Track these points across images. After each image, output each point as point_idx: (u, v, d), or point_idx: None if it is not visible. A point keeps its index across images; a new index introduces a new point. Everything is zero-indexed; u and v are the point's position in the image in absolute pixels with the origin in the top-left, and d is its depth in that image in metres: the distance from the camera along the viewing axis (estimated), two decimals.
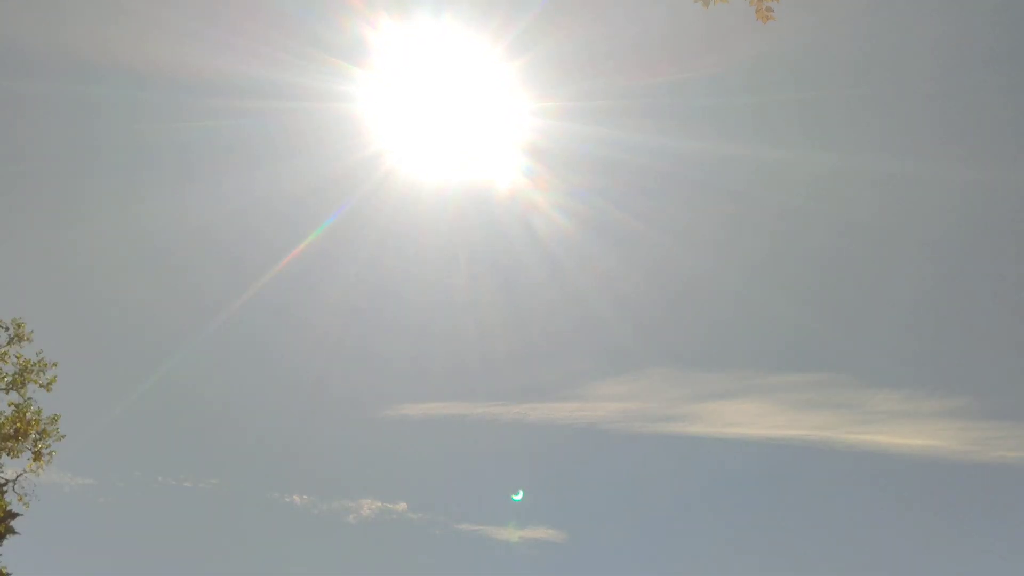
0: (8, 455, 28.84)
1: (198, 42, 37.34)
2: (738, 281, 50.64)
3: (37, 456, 29.16)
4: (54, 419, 29.57)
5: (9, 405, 29.05)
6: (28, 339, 29.65)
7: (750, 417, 50.76)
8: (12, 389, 29.24)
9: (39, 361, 29.61)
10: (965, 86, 42.81)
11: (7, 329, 29.29)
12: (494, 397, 51.35)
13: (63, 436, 29.86)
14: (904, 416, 49.30)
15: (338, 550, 48.86)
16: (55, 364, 30.00)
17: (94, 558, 43.76)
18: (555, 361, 52.87)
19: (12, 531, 28.18)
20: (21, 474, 28.90)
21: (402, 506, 49.11)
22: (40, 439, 29.26)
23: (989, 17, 40.14)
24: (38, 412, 29.32)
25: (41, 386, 29.66)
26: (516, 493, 49.40)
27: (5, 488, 28.51)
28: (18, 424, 28.87)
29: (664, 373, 51.60)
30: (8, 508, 28.24)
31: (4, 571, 27.77)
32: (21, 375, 29.37)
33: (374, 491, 49.42)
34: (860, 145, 44.56)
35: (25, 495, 28.79)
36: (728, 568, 49.08)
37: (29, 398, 29.37)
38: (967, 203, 47.39)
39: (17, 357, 29.38)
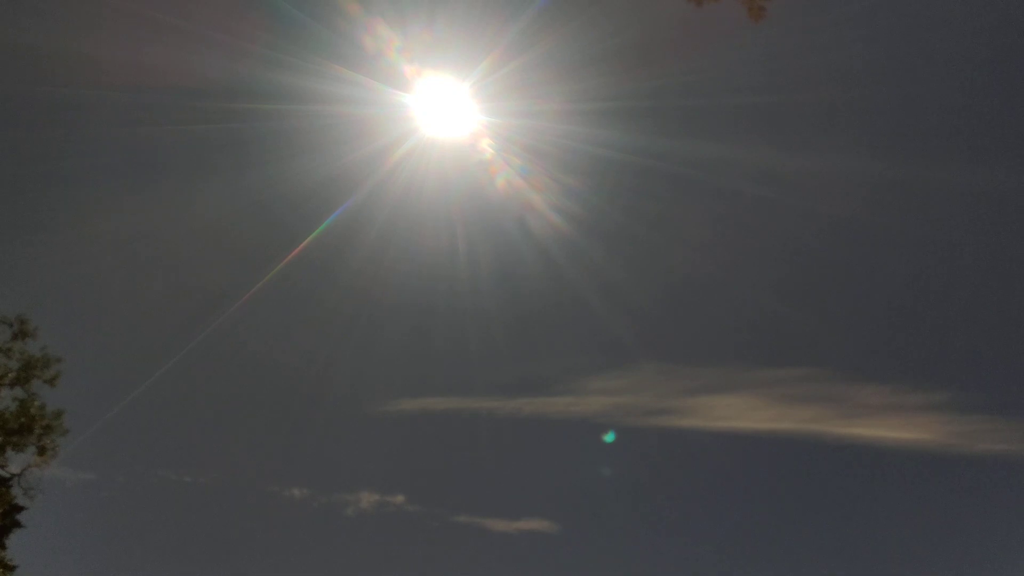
0: (13, 450, 29.19)
1: (197, 46, 37.52)
2: (728, 278, 51.17)
3: (41, 451, 29.46)
4: (58, 414, 29.87)
5: (14, 400, 29.40)
6: (32, 335, 29.88)
7: (739, 411, 51.40)
8: (17, 384, 29.48)
9: (43, 357, 29.87)
10: (957, 87, 43.43)
11: (11, 325, 29.53)
12: (490, 392, 51.81)
13: (67, 431, 30.18)
14: (890, 410, 49.92)
15: (337, 542, 49.42)
16: (59, 360, 30.28)
17: (96, 552, 44.05)
18: (550, 357, 53.33)
19: (18, 524, 28.64)
20: (26, 468, 29.23)
21: (400, 499, 49.62)
22: (44, 434, 29.56)
23: (983, 17, 40.76)
24: (42, 407, 29.61)
25: (45, 381, 29.89)
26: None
27: (10, 482, 28.91)
28: (23, 419, 29.15)
29: (656, 368, 52.15)
30: (13, 502, 28.68)
31: (10, 563, 28.27)
32: (25, 371, 29.58)
33: (372, 484, 49.85)
34: (850, 145, 45.04)
35: (30, 489, 29.19)
36: (717, 559, 49.75)
37: (33, 393, 29.65)
38: (954, 201, 48.01)
39: (21, 353, 29.62)
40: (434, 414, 51.64)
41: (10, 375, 29.25)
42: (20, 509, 28.64)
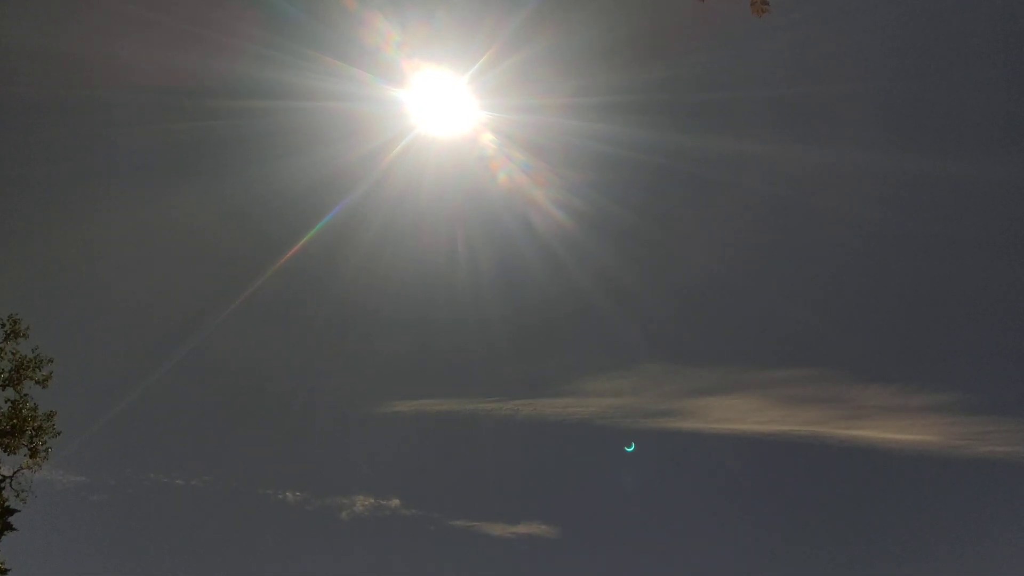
0: (5, 451, 28.70)
1: (194, 44, 37.24)
2: (731, 276, 51.03)
3: (33, 453, 28.98)
4: (50, 415, 29.40)
5: (6, 401, 28.91)
6: (24, 335, 29.42)
7: (741, 412, 51.14)
8: (8, 385, 29.01)
9: (35, 357, 29.40)
10: (960, 82, 43.32)
11: (3, 325, 29.05)
12: (486, 394, 51.44)
13: (59, 433, 29.73)
14: (894, 411, 49.75)
15: (331, 546, 48.89)
16: (51, 360, 29.83)
17: (86, 555, 43.58)
18: (548, 357, 53.07)
19: (10, 527, 28.07)
20: (18, 471, 28.74)
21: (395, 502, 49.08)
22: (36, 436, 29.09)
23: (983, 12, 40.67)
24: (34, 408, 29.15)
25: (37, 382, 29.42)
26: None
27: (3, 484, 28.38)
28: (14, 420, 28.69)
29: (656, 369, 51.92)
30: (5, 504, 28.13)
31: (1, 567, 27.70)
32: (17, 371, 29.12)
33: (367, 488, 49.35)
34: (855, 141, 44.95)
35: (22, 492, 28.66)
36: (719, 562, 49.44)
37: (25, 394, 29.18)
38: (959, 199, 47.95)
39: (13, 353, 29.15)
40: (430, 416, 51.31)
41: (2, 376, 28.78)
42: (11, 512, 28.06)
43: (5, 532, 27.49)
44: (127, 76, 38.63)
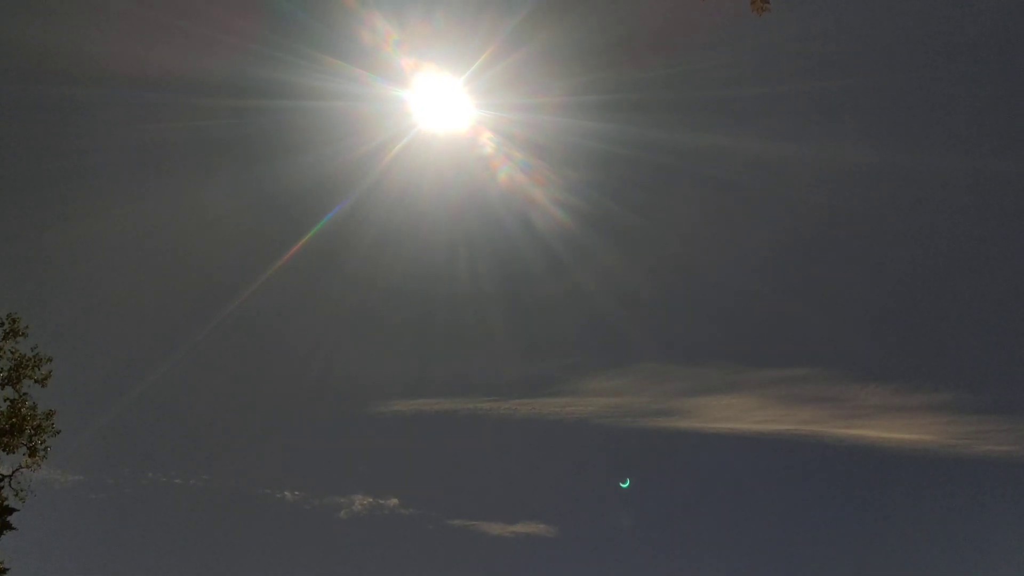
0: (4, 451, 28.66)
1: (194, 43, 37.22)
2: (728, 275, 51.06)
3: (32, 452, 28.94)
4: (49, 415, 29.35)
5: (5, 400, 28.86)
6: (23, 334, 29.35)
7: (739, 412, 51.19)
8: (7, 384, 28.94)
9: (34, 356, 29.34)
10: (956, 77, 43.37)
11: (2, 324, 28.99)
12: (485, 393, 51.45)
13: (58, 432, 29.68)
14: (892, 410, 49.83)
15: (329, 546, 48.88)
16: (50, 359, 29.76)
17: (85, 555, 43.52)
18: (546, 356, 53.05)
19: (9, 526, 28.06)
20: (17, 470, 28.71)
21: (393, 502, 49.11)
22: (35, 435, 29.04)
23: (980, 8, 40.73)
24: (33, 407, 29.10)
25: (36, 381, 29.35)
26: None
27: (2, 484, 28.36)
28: (13, 419, 28.64)
29: (654, 368, 51.96)
30: (5, 503, 28.11)
31: (1, 566, 27.68)
32: (16, 370, 29.06)
33: (365, 487, 49.39)
34: (851, 137, 45.05)
35: (21, 491, 28.64)
36: (717, 562, 49.51)
37: (25, 393, 29.13)
38: (957, 196, 47.99)
39: (13, 352, 29.09)
40: (429, 415, 51.32)
41: (1, 375, 28.68)
42: (10, 511, 28.05)
43: (4, 531, 27.54)
44: (126, 75, 38.63)
